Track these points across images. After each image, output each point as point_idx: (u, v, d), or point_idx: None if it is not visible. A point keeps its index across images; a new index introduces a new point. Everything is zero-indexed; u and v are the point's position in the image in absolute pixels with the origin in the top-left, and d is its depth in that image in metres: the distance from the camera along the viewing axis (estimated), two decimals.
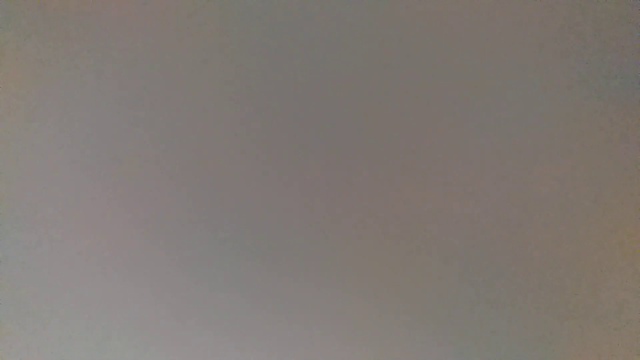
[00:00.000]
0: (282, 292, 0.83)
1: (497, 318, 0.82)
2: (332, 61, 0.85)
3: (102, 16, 0.86)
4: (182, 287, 0.84)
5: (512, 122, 0.84)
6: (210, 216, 0.84)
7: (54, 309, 0.84)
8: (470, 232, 0.83)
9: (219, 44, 0.86)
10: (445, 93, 0.85)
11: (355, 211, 0.84)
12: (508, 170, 0.84)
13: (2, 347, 0.84)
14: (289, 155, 0.84)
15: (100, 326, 0.84)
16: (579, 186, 0.84)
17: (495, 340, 0.82)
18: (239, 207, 0.84)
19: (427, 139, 0.84)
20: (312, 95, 0.85)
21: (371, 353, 0.83)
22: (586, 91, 0.84)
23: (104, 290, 0.84)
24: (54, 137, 0.85)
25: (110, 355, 0.83)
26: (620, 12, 0.85)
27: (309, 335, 0.83)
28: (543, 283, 0.83)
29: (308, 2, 0.86)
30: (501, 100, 0.84)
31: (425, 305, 0.83)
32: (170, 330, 0.83)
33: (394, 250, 0.83)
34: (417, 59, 0.85)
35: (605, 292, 0.82)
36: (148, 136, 0.85)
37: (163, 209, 0.84)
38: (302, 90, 0.85)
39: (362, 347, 0.83)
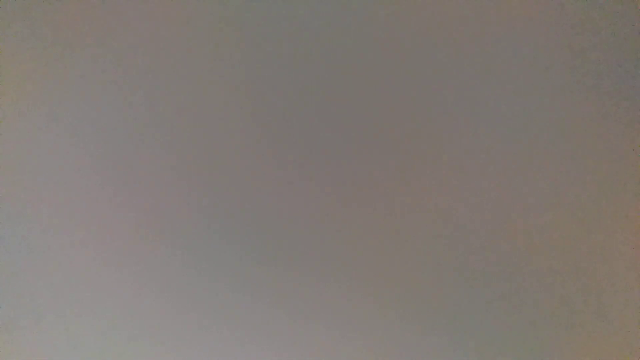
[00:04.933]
0: (285, 290, 0.83)
1: (498, 317, 0.82)
2: (336, 62, 0.85)
3: (104, 16, 0.86)
4: (185, 287, 0.84)
5: (512, 122, 0.84)
6: (214, 215, 0.84)
7: (55, 309, 0.84)
8: (472, 231, 0.83)
9: (223, 43, 0.86)
10: (447, 93, 0.85)
11: (359, 210, 0.84)
12: (508, 170, 0.84)
13: (2, 347, 0.83)
14: (293, 154, 0.84)
15: (103, 326, 0.83)
16: (579, 186, 0.84)
17: (496, 339, 0.82)
18: (243, 206, 0.84)
19: (430, 139, 0.84)
20: (317, 94, 0.85)
21: (374, 351, 0.83)
22: (586, 91, 0.84)
23: (107, 290, 0.84)
24: (56, 136, 0.85)
25: (113, 356, 0.83)
26: (620, 12, 0.85)
27: (312, 334, 0.83)
28: (544, 283, 0.83)
29: (310, 2, 0.86)
30: (501, 100, 0.84)
31: (429, 304, 0.83)
32: (174, 330, 0.83)
33: (397, 249, 0.83)
34: (421, 60, 0.85)
35: (605, 292, 0.82)
36: (151, 135, 0.85)
37: (166, 208, 0.84)
38: (306, 90, 0.85)
39: (365, 345, 0.83)
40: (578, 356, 0.82)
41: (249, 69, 0.85)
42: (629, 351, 0.82)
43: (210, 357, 0.83)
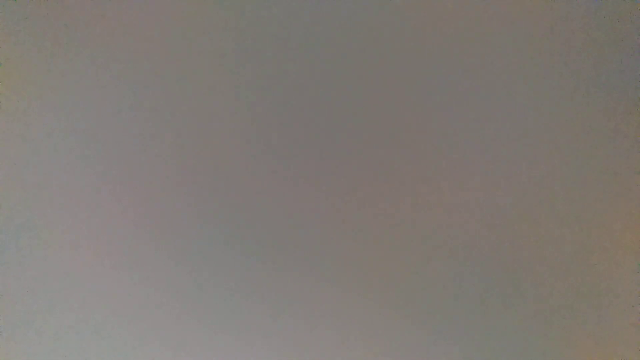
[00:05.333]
0: (286, 290, 0.83)
1: (498, 317, 0.82)
2: (336, 62, 0.85)
3: (105, 16, 0.86)
4: (185, 288, 0.84)
5: (511, 121, 0.84)
6: (214, 215, 0.84)
7: (55, 309, 0.84)
8: (471, 231, 0.83)
9: (223, 44, 0.86)
10: (446, 93, 0.85)
11: (358, 210, 0.84)
12: (508, 170, 0.84)
13: (2, 346, 0.83)
14: (293, 154, 0.84)
15: (103, 328, 0.83)
16: (578, 186, 0.84)
17: (496, 339, 0.82)
18: (243, 207, 0.84)
19: (430, 139, 0.84)
20: (317, 94, 0.85)
21: (373, 351, 0.83)
22: (586, 91, 0.84)
23: (107, 291, 0.84)
24: (56, 136, 0.85)
25: (113, 356, 0.83)
26: (620, 12, 0.85)
27: (312, 334, 0.83)
28: (544, 283, 0.83)
29: (311, 3, 0.86)
30: (502, 100, 0.84)
31: (428, 304, 0.83)
32: (175, 331, 0.83)
33: (396, 249, 0.83)
34: (421, 60, 0.85)
35: (605, 292, 0.82)
36: (152, 136, 0.85)
37: (165, 208, 0.84)
38: (307, 90, 0.85)
39: (365, 345, 0.83)
40: (578, 356, 0.82)
41: (249, 69, 0.85)
42: (629, 351, 0.82)
43: (211, 357, 0.83)
